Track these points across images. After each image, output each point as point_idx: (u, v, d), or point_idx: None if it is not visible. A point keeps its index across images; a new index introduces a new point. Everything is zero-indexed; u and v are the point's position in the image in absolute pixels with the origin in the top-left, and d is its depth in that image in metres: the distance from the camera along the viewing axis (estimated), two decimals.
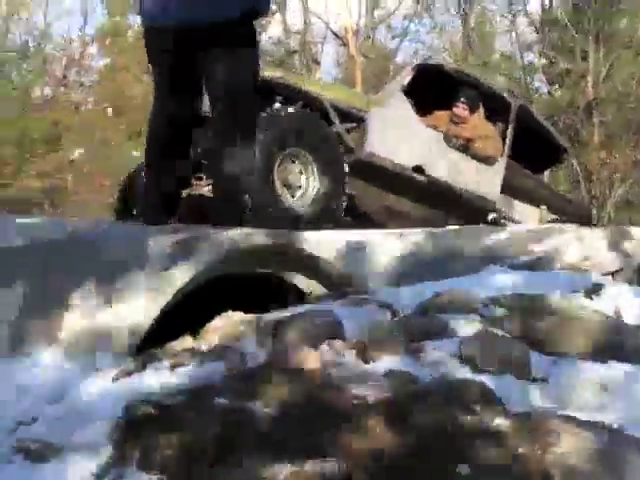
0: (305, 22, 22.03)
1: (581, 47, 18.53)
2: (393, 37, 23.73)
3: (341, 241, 4.60)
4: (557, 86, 20.23)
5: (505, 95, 7.83)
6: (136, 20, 21.78)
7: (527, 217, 7.68)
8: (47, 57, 24.27)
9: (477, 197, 7.25)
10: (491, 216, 7.29)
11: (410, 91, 6.85)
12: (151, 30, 4.22)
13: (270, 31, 23.64)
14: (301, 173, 5.96)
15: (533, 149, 8.00)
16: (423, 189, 6.87)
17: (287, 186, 5.89)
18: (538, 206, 7.91)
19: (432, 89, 7.25)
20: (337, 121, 6.28)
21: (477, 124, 7.37)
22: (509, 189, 7.61)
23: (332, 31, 21.92)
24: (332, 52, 25.06)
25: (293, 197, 5.90)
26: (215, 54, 4.10)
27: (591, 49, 18.31)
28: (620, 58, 18.20)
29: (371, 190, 6.78)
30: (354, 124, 6.49)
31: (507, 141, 7.49)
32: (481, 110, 7.43)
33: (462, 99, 7.33)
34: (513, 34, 22.33)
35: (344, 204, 6.16)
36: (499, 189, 7.44)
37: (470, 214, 7.00)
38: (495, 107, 7.57)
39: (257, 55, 4.36)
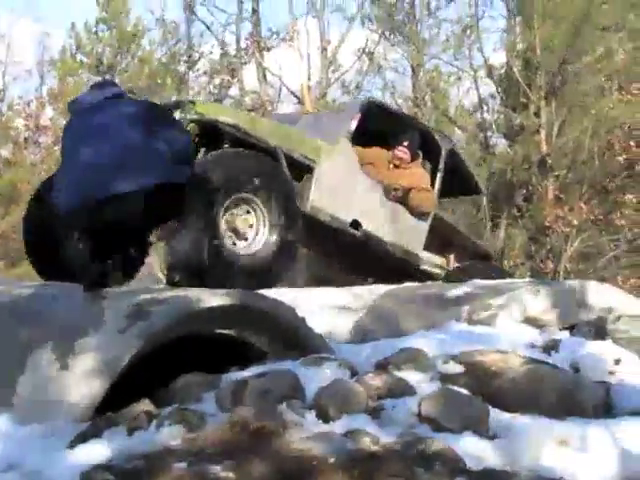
0: (260, 81, 22.16)
1: (534, 103, 18.82)
2: (343, 93, 23.88)
3: (299, 299, 4.61)
4: (511, 142, 20.50)
5: (437, 138, 7.71)
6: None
7: (435, 267, 7.56)
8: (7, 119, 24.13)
9: (405, 251, 7.18)
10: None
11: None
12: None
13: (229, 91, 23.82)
14: (250, 222, 5.80)
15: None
16: (356, 244, 6.82)
17: (234, 232, 5.74)
18: (445, 255, 7.79)
19: (374, 128, 7.19)
20: (286, 170, 6.17)
21: (416, 172, 7.28)
22: (428, 240, 7.52)
23: (288, 89, 22.07)
24: (287, 110, 25.20)
25: (238, 243, 5.77)
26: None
27: (542, 104, 18.60)
28: (572, 113, 18.49)
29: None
30: (302, 173, 6.41)
31: (436, 189, 7.41)
32: (420, 158, 7.37)
33: (404, 142, 7.25)
34: (461, 89, 22.66)
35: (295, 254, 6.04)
36: (423, 242, 7.35)
37: (395, 270, 6.90)
38: (426, 150, 7.47)
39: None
